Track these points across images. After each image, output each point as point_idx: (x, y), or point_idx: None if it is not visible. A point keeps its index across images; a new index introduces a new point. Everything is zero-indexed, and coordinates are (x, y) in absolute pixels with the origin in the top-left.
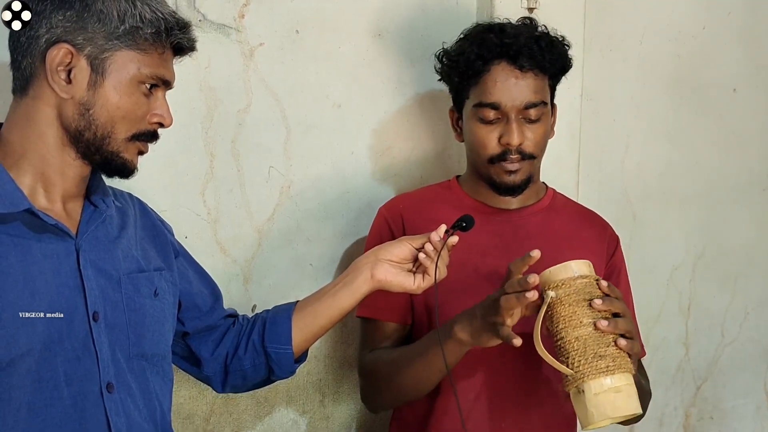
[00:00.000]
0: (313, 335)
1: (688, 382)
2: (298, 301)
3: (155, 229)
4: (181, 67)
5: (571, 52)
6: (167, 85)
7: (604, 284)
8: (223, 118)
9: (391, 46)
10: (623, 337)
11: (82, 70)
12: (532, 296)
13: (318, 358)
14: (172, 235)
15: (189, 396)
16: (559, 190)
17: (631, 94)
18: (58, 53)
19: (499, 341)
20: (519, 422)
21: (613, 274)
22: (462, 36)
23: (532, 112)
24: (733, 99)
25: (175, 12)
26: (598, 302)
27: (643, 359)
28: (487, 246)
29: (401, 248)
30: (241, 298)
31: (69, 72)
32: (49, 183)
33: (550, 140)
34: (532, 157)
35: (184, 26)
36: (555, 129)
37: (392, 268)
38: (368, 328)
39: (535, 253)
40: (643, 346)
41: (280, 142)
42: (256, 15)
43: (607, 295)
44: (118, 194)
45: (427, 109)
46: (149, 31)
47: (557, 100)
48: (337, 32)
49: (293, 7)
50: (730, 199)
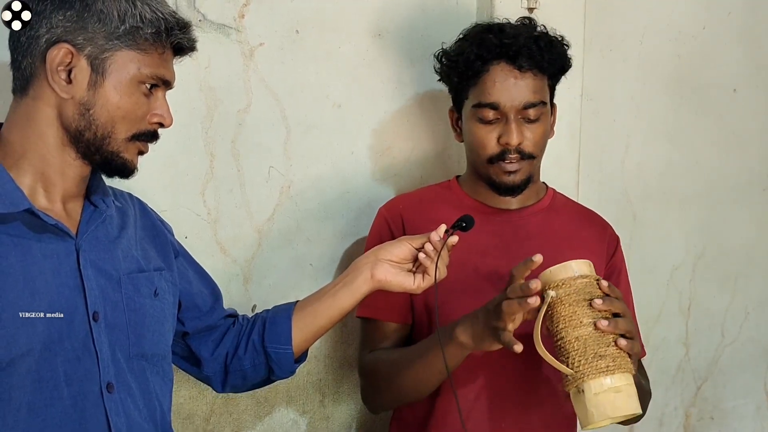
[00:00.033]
0: (313, 335)
1: (688, 382)
2: (298, 301)
3: (155, 229)
4: (181, 67)
5: (571, 52)
6: (167, 85)
7: (605, 284)
8: (223, 118)
9: (391, 46)
10: (623, 337)
11: (83, 70)
12: (534, 302)
13: (318, 358)
14: (172, 235)
15: (189, 396)
16: (559, 190)
17: (631, 94)
18: (59, 53)
19: (500, 346)
20: (519, 422)
21: (613, 274)
22: (461, 36)
23: (531, 112)
24: (733, 99)
25: (175, 12)
26: (598, 302)
27: (643, 359)
28: (487, 246)
29: (401, 248)
30: (241, 298)
31: (69, 72)
32: (49, 183)
33: (550, 140)
34: (532, 157)
35: (185, 26)
36: (555, 129)
37: (392, 268)
38: (368, 328)
39: (537, 258)
40: (643, 346)
41: (280, 142)
42: (256, 15)
43: (608, 295)
44: (118, 194)
45: (427, 109)
46: (149, 31)
47: (557, 100)
48: (337, 32)
49: (293, 7)
50: (730, 199)
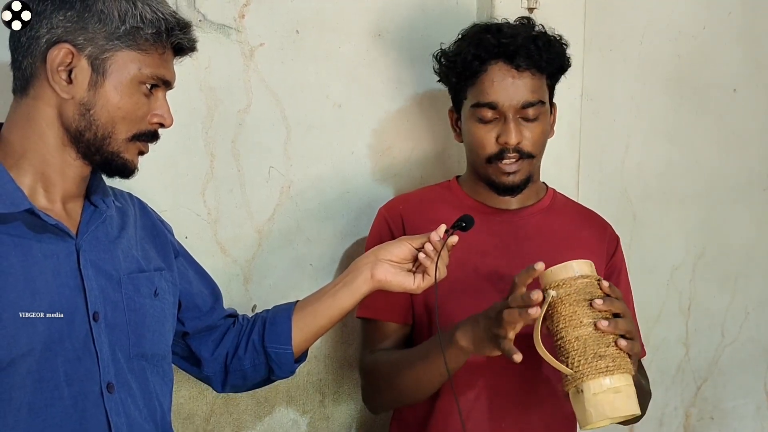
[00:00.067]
0: (313, 335)
1: (688, 382)
2: (298, 301)
3: (155, 229)
4: (182, 68)
5: (571, 52)
6: (168, 85)
7: (605, 284)
8: (223, 118)
9: (391, 46)
10: (623, 338)
11: (83, 70)
12: (535, 313)
13: (318, 358)
14: (172, 235)
15: (189, 396)
16: (559, 190)
17: (631, 94)
18: (59, 53)
19: (500, 352)
20: (519, 422)
21: (613, 274)
22: (459, 36)
23: (530, 112)
24: (733, 99)
25: (175, 12)
26: (598, 302)
27: (643, 359)
28: (487, 246)
29: (401, 248)
30: (242, 298)
31: (70, 72)
32: (50, 183)
33: (550, 140)
34: (531, 157)
35: (185, 26)
36: (555, 129)
37: (392, 268)
38: (368, 328)
39: (539, 266)
40: (644, 346)
41: (281, 142)
42: (257, 15)
43: (608, 296)
44: (118, 194)
45: (427, 109)
46: (150, 32)
47: (557, 100)
48: (337, 32)
49: (293, 7)
50: (730, 199)
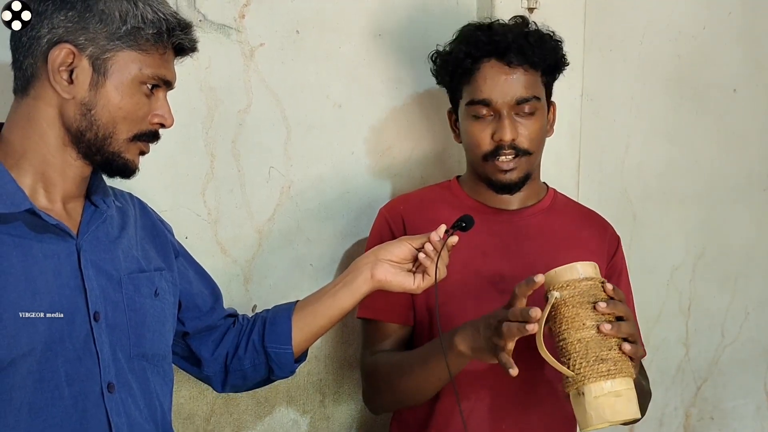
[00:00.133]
0: (313, 335)
1: (688, 382)
2: (298, 301)
3: (155, 229)
4: (182, 68)
5: (571, 52)
6: (168, 85)
7: (609, 287)
8: (223, 119)
9: (391, 46)
10: (626, 341)
11: (84, 70)
12: (533, 329)
13: (318, 358)
14: (172, 235)
15: (189, 396)
16: (560, 190)
17: (631, 94)
18: (60, 53)
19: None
20: (519, 422)
21: (614, 275)
22: (454, 37)
23: (525, 107)
24: (733, 99)
25: (176, 12)
26: (602, 305)
27: (643, 359)
28: (488, 246)
29: (401, 248)
30: (242, 299)
31: (71, 72)
32: (50, 183)
33: (550, 140)
34: (528, 153)
35: (186, 27)
36: (555, 129)
37: (392, 268)
38: (369, 329)
39: (539, 278)
40: (643, 346)
41: (281, 142)
42: (257, 15)
43: (612, 298)
44: (118, 194)
45: (427, 109)
46: (151, 32)
47: (558, 100)
48: (337, 32)
49: (293, 7)
50: (730, 199)
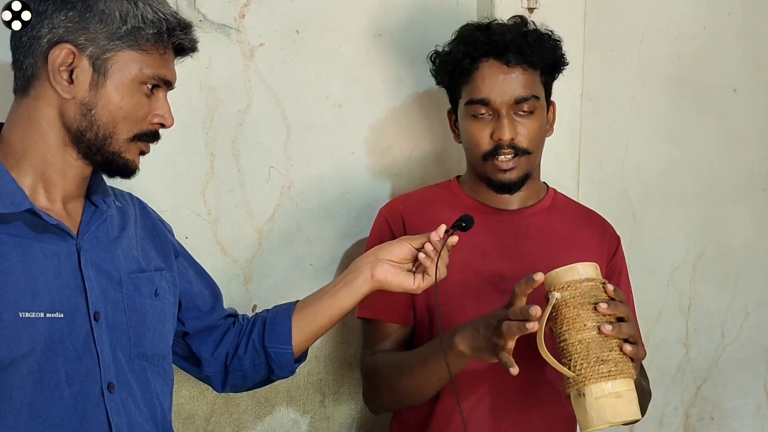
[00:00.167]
0: (313, 335)
1: (688, 382)
2: (298, 301)
3: (155, 229)
4: (182, 68)
5: (571, 52)
6: (169, 85)
7: (611, 288)
8: (223, 118)
9: (391, 46)
10: (627, 342)
11: (84, 70)
12: (533, 327)
13: (318, 358)
14: (172, 235)
15: (189, 396)
16: (560, 190)
17: (631, 94)
18: (60, 53)
19: (498, 361)
20: (519, 422)
21: (614, 275)
22: (453, 37)
23: (524, 107)
24: (733, 99)
25: (176, 12)
26: (603, 306)
27: (643, 359)
28: (488, 246)
29: (401, 248)
30: (242, 298)
31: (71, 72)
32: (50, 183)
33: (550, 140)
34: (527, 153)
35: (186, 27)
36: (555, 129)
37: (392, 268)
38: (369, 329)
39: (538, 277)
40: (643, 345)
41: (281, 142)
42: (257, 15)
43: (612, 299)
44: (118, 194)
45: (427, 109)
46: (151, 32)
47: (558, 100)
48: (337, 32)
49: (293, 7)
50: (730, 199)
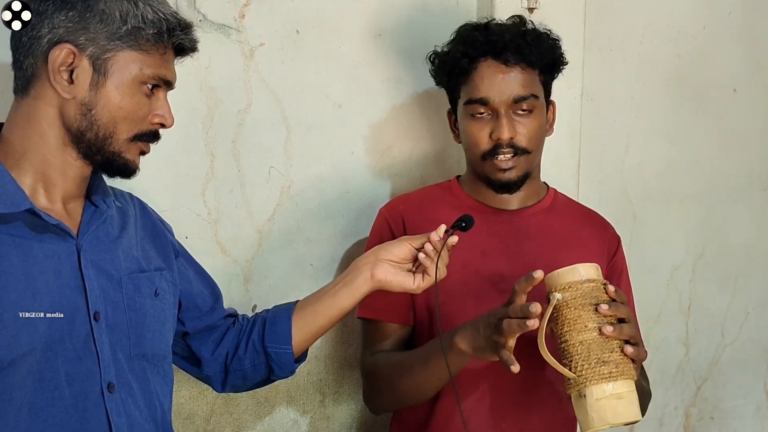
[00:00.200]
0: (313, 335)
1: (688, 382)
2: (298, 301)
3: (155, 229)
4: (182, 68)
5: (571, 52)
6: (169, 85)
7: (612, 289)
8: (223, 118)
9: (391, 46)
10: (628, 343)
11: (85, 70)
12: (533, 324)
13: (318, 358)
14: (172, 235)
15: (189, 396)
16: (560, 190)
17: (631, 94)
18: (61, 53)
19: (498, 359)
20: (519, 422)
21: (614, 275)
22: (451, 37)
23: (523, 105)
24: (733, 99)
25: (176, 12)
26: (604, 307)
27: None
28: (488, 246)
29: (401, 248)
30: (242, 298)
31: (71, 72)
32: (50, 183)
33: (550, 140)
34: (526, 152)
35: (186, 27)
36: (555, 129)
37: (392, 268)
38: (369, 329)
39: (538, 274)
40: (643, 346)
41: (281, 142)
42: (257, 15)
43: (614, 300)
44: (118, 194)
45: (427, 109)
46: (151, 32)
47: (558, 100)
48: (337, 32)
49: (293, 7)
50: (730, 199)
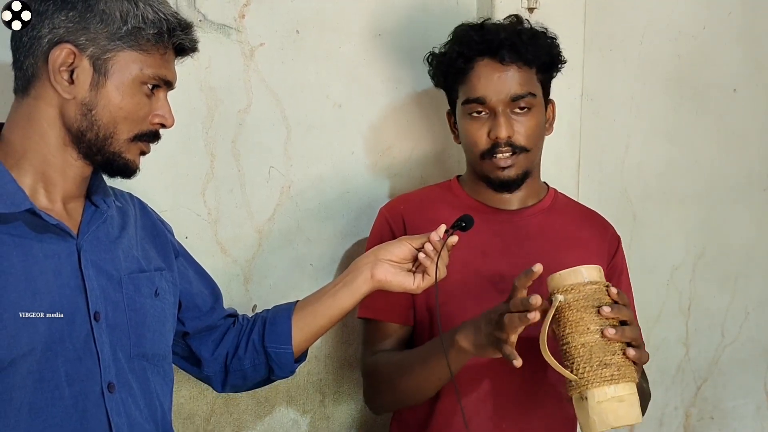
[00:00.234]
0: (313, 335)
1: (688, 382)
2: (298, 301)
3: (155, 229)
4: (182, 68)
5: (571, 52)
6: (169, 85)
7: (614, 291)
8: (223, 118)
9: (391, 46)
10: (630, 346)
11: (85, 70)
12: (534, 317)
13: (318, 358)
14: (172, 235)
15: (189, 396)
16: (560, 190)
17: (631, 94)
18: (61, 53)
19: (501, 355)
20: (520, 423)
21: (614, 275)
22: (448, 38)
23: (520, 104)
24: (733, 99)
25: (177, 12)
26: (606, 310)
27: None
28: (488, 246)
29: (401, 248)
30: (242, 298)
31: (71, 72)
32: (50, 183)
33: (550, 140)
34: (525, 150)
35: (186, 27)
36: (555, 128)
37: (392, 268)
38: (369, 329)
39: (537, 268)
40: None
41: (281, 142)
42: (257, 15)
43: (616, 302)
44: (119, 194)
45: (427, 109)
46: (151, 32)
47: (558, 100)
48: (337, 32)
49: (293, 7)
50: (730, 199)
